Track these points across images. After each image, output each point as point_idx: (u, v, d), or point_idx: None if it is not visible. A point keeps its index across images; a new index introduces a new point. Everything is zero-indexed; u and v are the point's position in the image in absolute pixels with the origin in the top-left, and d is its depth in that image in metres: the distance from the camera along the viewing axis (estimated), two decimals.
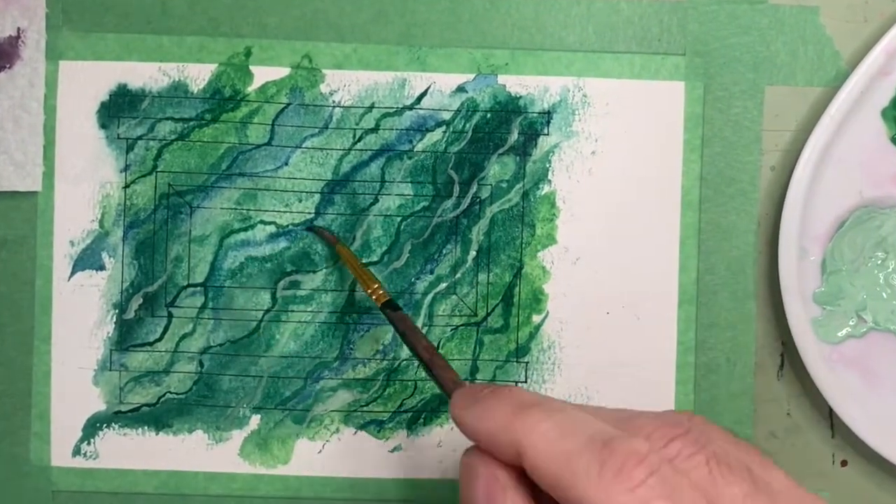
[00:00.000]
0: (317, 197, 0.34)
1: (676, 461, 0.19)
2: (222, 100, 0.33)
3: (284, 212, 0.34)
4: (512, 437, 0.20)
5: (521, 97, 0.34)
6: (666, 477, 0.19)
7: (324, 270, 0.34)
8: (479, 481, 0.21)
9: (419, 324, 0.34)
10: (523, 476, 0.21)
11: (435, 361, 0.27)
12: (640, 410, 0.22)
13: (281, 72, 0.33)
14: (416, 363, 0.34)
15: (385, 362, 0.34)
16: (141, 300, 0.34)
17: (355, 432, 0.34)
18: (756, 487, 0.19)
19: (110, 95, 0.33)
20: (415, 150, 0.34)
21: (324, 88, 0.33)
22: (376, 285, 0.31)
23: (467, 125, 0.34)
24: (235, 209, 0.34)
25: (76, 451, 0.34)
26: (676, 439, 0.20)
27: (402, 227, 0.34)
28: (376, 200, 0.34)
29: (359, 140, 0.34)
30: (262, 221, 0.34)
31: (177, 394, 0.34)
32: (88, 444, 0.34)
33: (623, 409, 0.23)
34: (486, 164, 0.34)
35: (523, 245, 0.34)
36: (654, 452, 0.19)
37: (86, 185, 0.33)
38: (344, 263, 0.33)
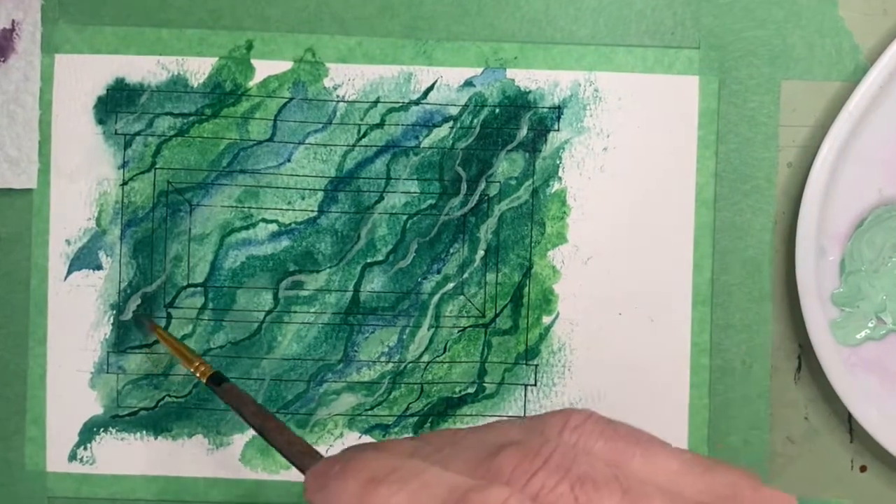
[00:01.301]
0: (320, 195, 0.33)
1: (540, 498, 0.18)
2: (223, 94, 0.33)
3: (287, 210, 0.33)
4: None
5: (530, 92, 0.33)
6: None
7: (327, 270, 0.34)
8: None
9: (425, 325, 0.33)
10: None
11: (270, 429, 0.26)
12: (510, 423, 0.21)
13: (283, 65, 0.33)
14: (423, 365, 0.33)
15: (390, 365, 0.34)
16: (139, 301, 0.33)
17: (360, 436, 0.34)
18: (628, 496, 0.19)
19: (107, 90, 0.33)
20: (421, 146, 0.33)
21: (327, 83, 0.33)
22: (198, 363, 0.30)
23: (475, 121, 0.33)
24: (236, 207, 0.33)
25: (72, 457, 0.33)
26: (538, 473, 0.19)
27: (408, 225, 0.33)
28: (381, 198, 0.33)
29: (363, 136, 0.33)
30: (263, 220, 0.33)
31: (176, 397, 0.33)
32: (85, 449, 0.33)
33: (490, 425, 0.22)
34: (494, 161, 0.33)
35: (533, 244, 0.33)
36: (514, 497, 0.18)
37: (82, 182, 0.33)
38: (163, 344, 0.32)
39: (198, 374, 0.30)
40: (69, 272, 0.33)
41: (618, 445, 0.20)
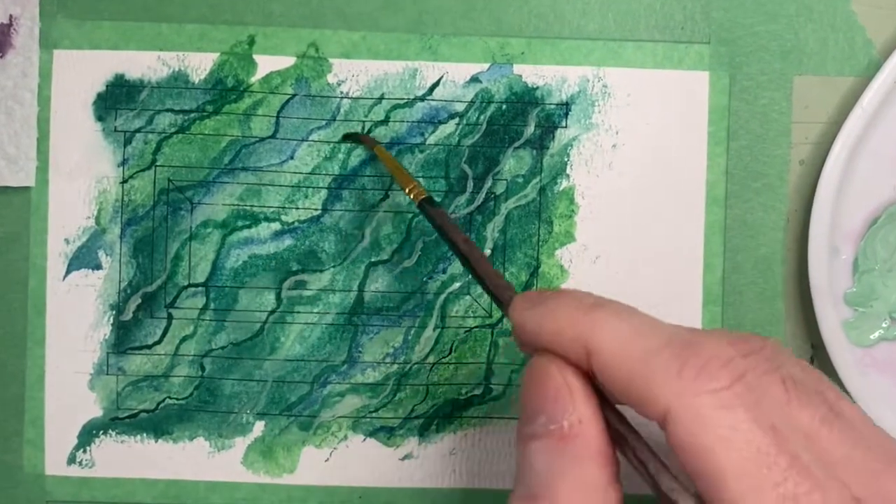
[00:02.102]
0: (324, 192, 0.33)
1: (753, 378, 0.19)
2: (224, 90, 0.33)
3: (290, 208, 0.33)
4: (580, 335, 0.20)
5: (537, 88, 0.33)
6: (751, 385, 0.18)
7: (331, 269, 0.33)
8: (548, 383, 0.20)
9: (430, 325, 0.33)
10: (590, 384, 0.20)
11: (477, 259, 0.26)
12: (710, 329, 0.21)
13: (286, 61, 0.33)
14: (429, 366, 0.33)
15: (395, 366, 0.33)
16: (139, 301, 0.33)
17: (364, 439, 0.33)
18: (832, 412, 0.19)
19: (107, 86, 0.33)
20: (426, 143, 0.33)
21: (331, 79, 0.33)
22: (413, 184, 0.30)
23: (481, 117, 0.33)
24: (238, 205, 0.33)
25: (71, 460, 0.33)
26: (751, 355, 0.19)
27: (413, 224, 0.33)
28: (386, 196, 0.33)
29: (368, 133, 0.33)
30: (266, 218, 0.33)
31: (177, 399, 0.33)
32: (84, 451, 0.33)
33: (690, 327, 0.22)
34: (501, 158, 0.33)
35: (540, 243, 0.33)
36: (740, 358, 0.18)
37: (81, 180, 0.33)
38: (384, 163, 0.32)
39: (411, 196, 0.29)
40: (68, 272, 0.33)
41: (815, 377, 0.20)
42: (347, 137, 0.33)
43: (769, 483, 0.17)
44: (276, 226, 0.33)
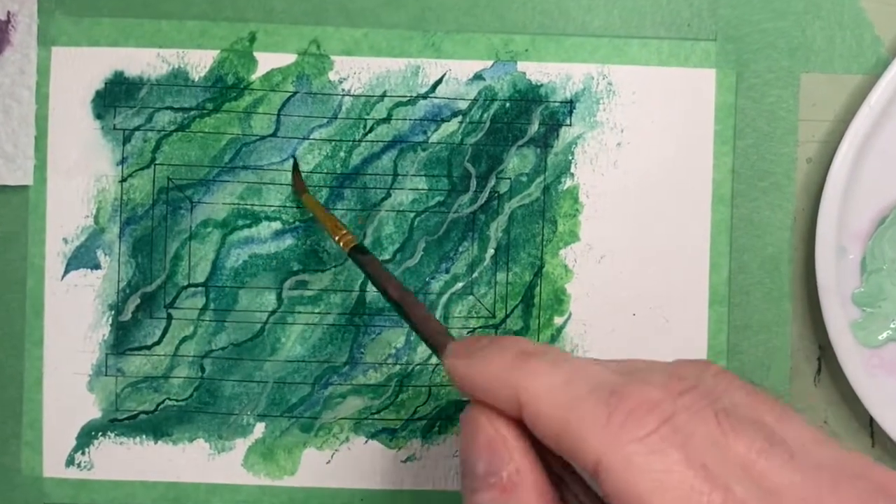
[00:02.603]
0: (325, 191, 0.33)
1: (686, 415, 0.19)
2: (225, 88, 0.33)
3: (290, 207, 0.33)
4: (512, 386, 0.20)
5: (541, 85, 0.33)
6: (678, 426, 0.18)
7: (332, 269, 0.33)
8: (480, 435, 0.21)
9: None
10: (526, 432, 0.21)
11: (411, 305, 0.26)
12: (650, 361, 0.22)
13: (287, 58, 0.33)
14: (432, 367, 0.33)
15: (397, 367, 0.33)
16: (138, 301, 0.33)
17: (366, 441, 0.33)
18: (771, 442, 0.19)
19: (106, 83, 0.33)
20: (429, 141, 0.33)
21: (332, 76, 0.33)
22: (344, 231, 0.30)
23: (485, 115, 0.33)
24: (238, 204, 0.33)
25: (70, 462, 0.33)
26: (686, 393, 0.19)
27: (415, 223, 0.33)
28: (388, 195, 0.33)
29: (370, 131, 0.33)
30: (266, 217, 0.33)
31: (176, 400, 0.33)
32: (83, 453, 0.33)
33: (630, 360, 0.22)
34: (504, 157, 0.33)
35: (544, 242, 0.33)
36: (667, 400, 0.19)
37: (80, 178, 0.33)
38: (311, 211, 0.31)
39: (341, 243, 0.29)
40: (66, 271, 0.33)
41: (757, 401, 0.20)
42: (295, 169, 0.33)
43: None
44: (276, 225, 0.33)
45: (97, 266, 0.33)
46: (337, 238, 0.29)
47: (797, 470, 0.18)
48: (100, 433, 0.33)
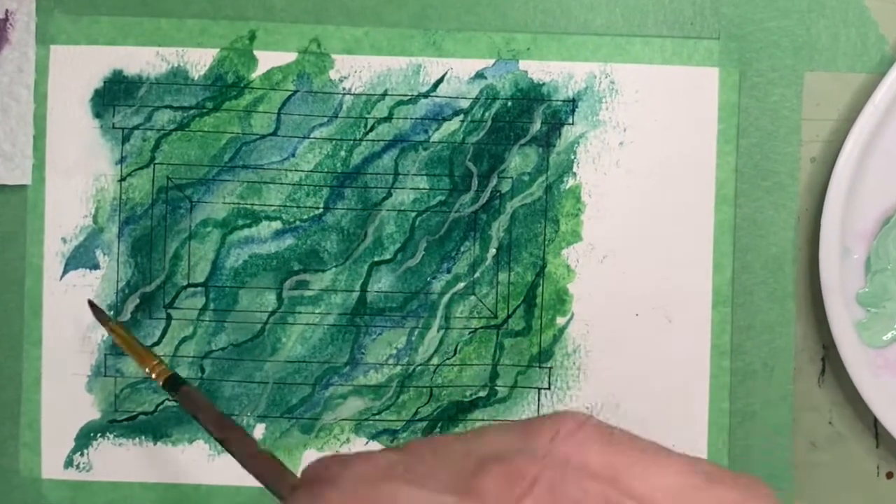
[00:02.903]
0: (325, 191, 0.33)
1: None
2: (225, 87, 0.33)
3: (291, 207, 0.33)
4: None
5: (543, 84, 0.33)
6: None
7: (333, 269, 0.33)
8: None
9: (434, 326, 0.33)
10: None
11: (235, 437, 0.26)
12: (495, 438, 0.20)
13: (287, 57, 0.33)
14: (433, 368, 0.33)
15: (399, 367, 0.33)
16: (138, 301, 0.33)
17: (367, 442, 0.33)
18: None
19: (105, 82, 0.33)
20: (430, 140, 0.33)
21: (333, 75, 0.33)
22: (155, 362, 0.29)
23: (486, 114, 0.33)
24: (238, 204, 0.33)
25: (68, 463, 0.33)
26: (524, 500, 0.18)
27: (416, 222, 0.33)
28: (389, 194, 0.33)
29: (370, 130, 0.33)
30: (267, 217, 0.33)
31: (176, 401, 0.33)
32: (81, 455, 0.33)
33: (479, 436, 0.21)
34: (506, 156, 0.33)
35: (546, 242, 0.33)
36: (523, 482, 0.18)
37: (79, 178, 0.33)
38: (117, 342, 0.31)
39: (153, 376, 0.29)
40: (65, 272, 0.33)
41: (615, 456, 0.19)
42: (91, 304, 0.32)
43: None
44: (277, 224, 0.33)
45: (96, 266, 0.33)
46: (147, 369, 0.29)
47: None
48: (99, 434, 0.33)
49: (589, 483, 0.18)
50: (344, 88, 0.33)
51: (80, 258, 0.33)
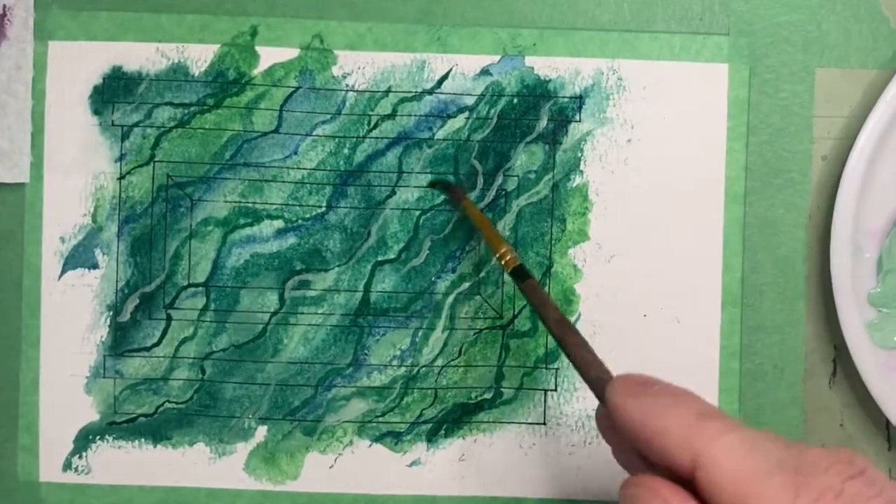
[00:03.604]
0: (328, 189, 0.33)
1: (857, 500, 0.19)
2: (226, 83, 0.33)
3: (293, 205, 0.33)
4: (690, 444, 0.20)
5: (550, 80, 0.33)
6: None
7: (336, 269, 0.33)
8: None
9: (439, 327, 0.33)
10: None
11: (569, 340, 0.26)
12: (804, 444, 0.22)
13: (289, 53, 0.33)
14: (438, 369, 0.33)
15: (402, 369, 0.33)
16: (137, 301, 0.33)
17: (370, 445, 0.33)
18: None
19: (104, 79, 0.33)
20: (435, 138, 0.33)
21: (336, 71, 0.33)
22: (504, 249, 0.29)
23: (492, 111, 0.33)
24: (240, 202, 0.33)
25: (67, 466, 0.33)
26: (854, 479, 0.20)
27: (420, 221, 0.33)
28: (393, 193, 0.33)
29: (374, 127, 0.33)
30: (268, 216, 0.33)
31: (176, 403, 0.33)
32: (80, 457, 0.33)
33: (787, 441, 0.22)
34: (512, 154, 0.33)
35: (553, 241, 0.33)
36: (848, 486, 0.19)
37: (77, 176, 0.33)
38: (471, 221, 0.31)
39: (502, 263, 0.29)
40: (63, 271, 0.33)
41: None
42: (435, 185, 0.32)
43: None
44: (278, 223, 0.33)
45: (95, 265, 0.33)
46: (498, 256, 0.29)
47: None
48: (98, 437, 0.33)
49: None
50: (347, 85, 0.33)
51: (78, 258, 0.33)
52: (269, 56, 0.33)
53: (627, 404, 0.22)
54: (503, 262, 0.29)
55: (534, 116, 0.33)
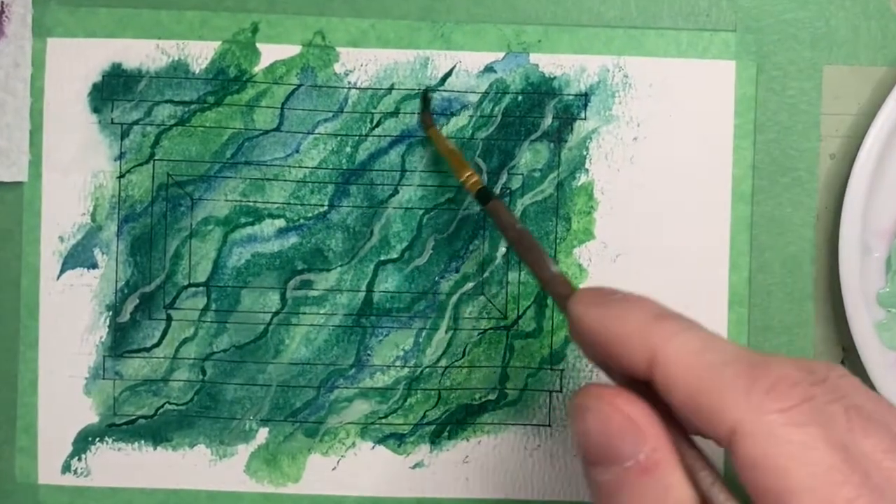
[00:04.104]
0: (330, 188, 0.33)
1: (814, 407, 0.19)
2: (226, 81, 0.32)
3: (295, 204, 0.33)
4: (648, 344, 0.20)
5: (555, 78, 0.32)
6: (820, 407, 0.19)
7: (338, 269, 0.33)
8: (611, 418, 0.21)
9: (443, 327, 0.33)
10: (651, 408, 0.21)
11: (533, 257, 0.26)
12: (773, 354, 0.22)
13: (291, 50, 0.32)
14: (441, 370, 0.33)
15: (406, 370, 0.33)
16: (137, 301, 0.33)
17: (373, 447, 0.33)
18: None
19: (103, 76, 0.32)
20: None
21: (338, 68, 0.32)
22: (469, 173, 0.29)
23: (496, 109, 0.32)
24: (241, 201, 0.33)
25: (66, 468, 0.33)
26: (815, 385, 0.19)
27: (424, 220, 0.33)
28: (396, 191, 0.33)
29: (377, 125, 0.33)
30: (270, 215, 0.33)
31: (177, 404, 0.33)
32: (79, 460, 0.33)
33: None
34: (516, 152, 0.33)
35: (558, 240, 0.33)
36: (805, 382, 0.19)
37: (76, 174, 0.32)
38: (438, 149, 0.31)
39: (466, 186, 0.29)
40: (62, 271, 0.33)
41: (882, 407, 0.20)
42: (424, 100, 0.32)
43: (841, 499, 0.17)
44: (280, 223, 0.33)
45: (94, 265, 0.33)
46: (462, 179, 0.29)
47: None
48: (97, 439, 0.33)
49: (868, 404, 0.20)
50: (349, 82, 0.32)
51: (77, 257, 0.33)
52: (271, 53, 0.32)
53: (589, 313, 0.22)
54: (467, 186, 0.29)
55: (538, 114, 0.33)
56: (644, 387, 0.21)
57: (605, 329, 0.21)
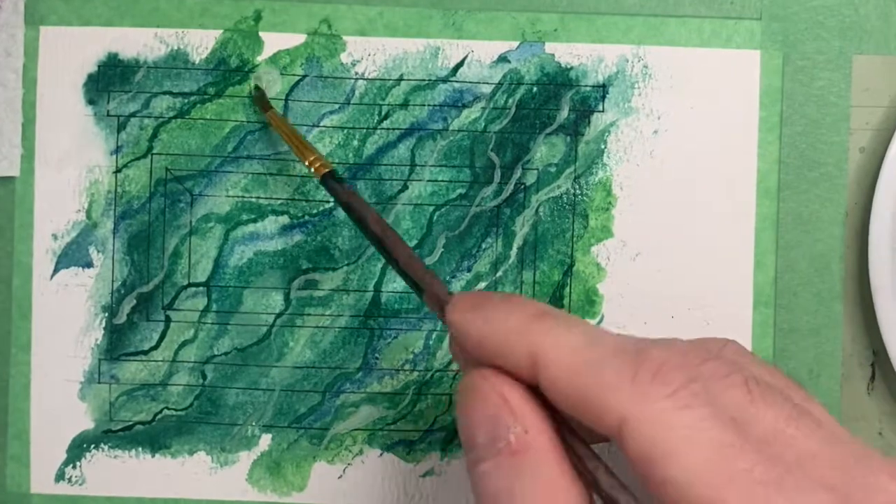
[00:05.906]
0: None
1: (712, 381, 0.19)
2: (228, 71, 0.32)
3: (299, 200, 0.32)
4: (529, 346, 0.20)
5: (571, 68, 0.32)
6: (707, 385, 0.19)
7: (344, 268, 0.32)
8: (484, 402, 0.21)
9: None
10: (535, 396, 0.21)
11: (394, 244, 0.25)
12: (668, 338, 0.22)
13: (295, 39, 0.32)
14: (452, 374, 0.32)
15: (415, 373, 0.32)
16: (134, 302, 0.33)
17: (381, 454, 0.33)
18: (797, 410, 0.19)
19: (99, 66, 0.32)
20: (450, 129, 0.32)
21: (345, 58, 0.32)
22: (314, 157, 0.29)
23: (510, 100, 0.32)
24: (243, 197, 0.32)
25: (59, 477, 0.33)
26: (709, 361, 0.20)
27: (435, 217, 0.32)
28: (405, 187, 0.32)
29: (385, 118, 0.32)
30: (273, 211, 0.32)
31: (176, 410, 0.33)
32: (74, 467, 0.33)
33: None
34: (531, 146, 0.32)
35: (575, 238, 0.32)
36: (693, 362, 0.19)
37: (70, 169, 0.32)
38: (276, 130, 0.31)
39: (312, 170, 0.29)
40: (56, 270, 0.32)
41: (780, 380, 0.21)
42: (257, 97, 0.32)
43: (739, 471, 0.18)
44: (284, 220, 0.32)
45: (89, 264, 0.32)
46: (307, 163, 0.29)
47: (825, 440, 0.19)
48: (92, 445, 0.33)
49: (765, 374, 0.20)
50: (356, 73, 0.32)
51: (72, 256, 0.32)
52: (274, 42, 0.32)
53: (466, 319, 0.22)
54: (312, 170, 0.28)
55: (554, 106, 0.32)
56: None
57: (484, 335, 0.21)
